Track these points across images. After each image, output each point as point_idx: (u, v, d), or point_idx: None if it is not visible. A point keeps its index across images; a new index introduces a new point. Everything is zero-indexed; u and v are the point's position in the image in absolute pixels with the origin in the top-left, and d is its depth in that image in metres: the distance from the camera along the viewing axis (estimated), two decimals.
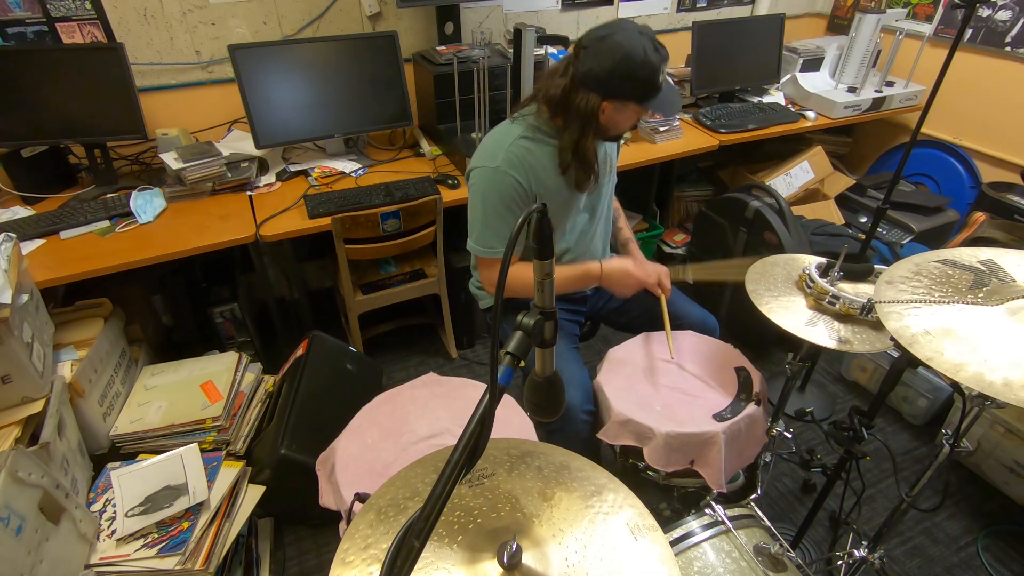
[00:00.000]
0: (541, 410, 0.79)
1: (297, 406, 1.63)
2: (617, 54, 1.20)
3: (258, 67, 1.93)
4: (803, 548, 1.69)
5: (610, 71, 1.21)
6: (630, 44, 1.19)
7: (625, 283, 1.46)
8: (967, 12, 1.48)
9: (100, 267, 1.61)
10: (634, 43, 1.19)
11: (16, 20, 1.82)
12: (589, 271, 1.45)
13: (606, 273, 1.44)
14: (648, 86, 1.24)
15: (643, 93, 1.25)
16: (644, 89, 1.25)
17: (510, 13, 2.49)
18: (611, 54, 1.20)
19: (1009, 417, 1.79)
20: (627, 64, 1.20)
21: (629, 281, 1.45)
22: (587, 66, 1.23)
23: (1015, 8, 2.42)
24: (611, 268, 1.44)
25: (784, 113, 2.54)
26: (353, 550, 0.76)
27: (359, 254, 1.94)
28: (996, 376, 0.78)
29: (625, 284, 1.46)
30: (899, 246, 2.50)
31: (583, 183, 1.38)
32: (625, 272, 1.45)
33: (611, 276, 1.45)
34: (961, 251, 1.04)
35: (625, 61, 1.20)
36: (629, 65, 1.20)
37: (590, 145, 1.31)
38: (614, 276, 1.45)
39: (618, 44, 1.19)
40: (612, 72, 1.21)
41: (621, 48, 1.19)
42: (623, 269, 1.45)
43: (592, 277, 1.45)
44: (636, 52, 1.19)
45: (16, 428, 1.31)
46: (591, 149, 1.32)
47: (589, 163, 1.34)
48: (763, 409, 1.30)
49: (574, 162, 1.33)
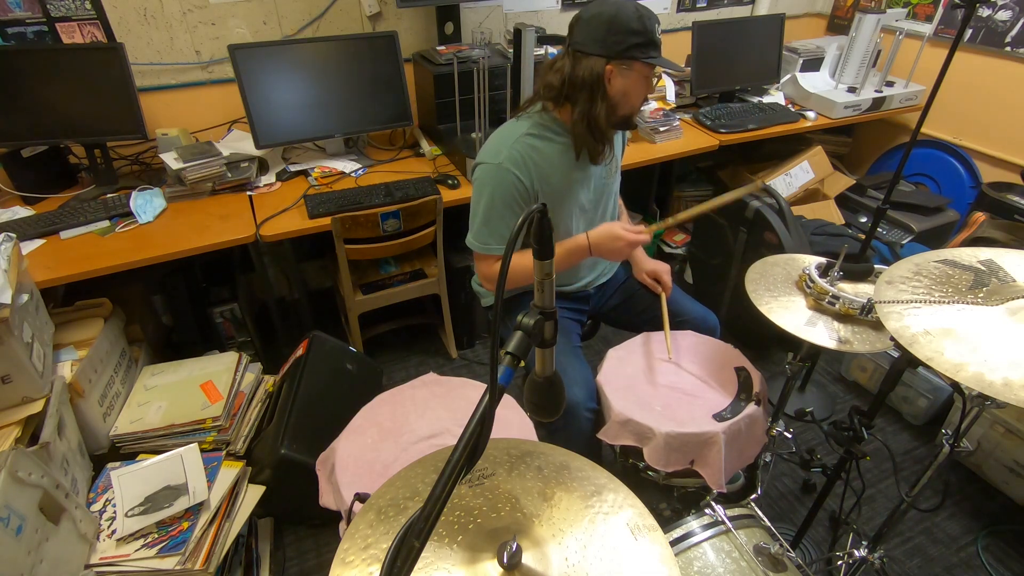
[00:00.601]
0: (541, 410, 0.79)
1: (297, 406, 1.63)
2: (608, 13, 1.24)
3: (258, 67, 1.93)
4: (803, 548, 1.69)
5: (607, 27, 1.24)
6: (618, 3, 1.25)
7: (615, 246, 1.40)
8: (967, 12, 1.48)
9: (100, 267, 1.62)
10: (622, 2, 1.25)
11: (16, 20, 1.82)
12: (578, 243, 1.41)
13: (594, 241, 1.40)
14: (646, 37, 1.25)
15: (643, 45, 1.26)
16: (643, 40, 1.26)
17: (510, 13, 2.49)
18: (603, 15, 1.25)
19: (1009, 417, 1.79)
20: (621, 18, 1.24)
21: (619, 244, 1.40)
22: (583, 34, 1.27)
23: (1015, 8, 2.42)
24: (598, 234, 1.40)
25: (784, 113, 2.54)
26: (353, 550, 0.76)
27: (359, 254, 1.94)
28: (996, 376, 0.78)
29: (615, 247, 1.41)
30: (899, 246, 2.50)
31: (597, 154, 1.37)
32: (613, 235, 1.39)
33: (600, 242, 1.40)
34: (961, 251, 1.04)
35: (618, 16, 1.24)
36: (623, 18, 1.24)
37: (601, 114, 1.31)
38: (603, 242, 1.40)
39: (607, 4, 1.25)
40: (608, 28, 1.24)
41: (611, 6, 1.25)
42: (610, 233, 1.39)
43: (581, 248, 1.41)
44: (626, 7, 1.24)
45: (16, 428, 1.31)
46: (603, 119, 1.31)
47: (601, 132, 1.33)
48: (763, 409, 1.30)
49: (587, 135, 1.33)
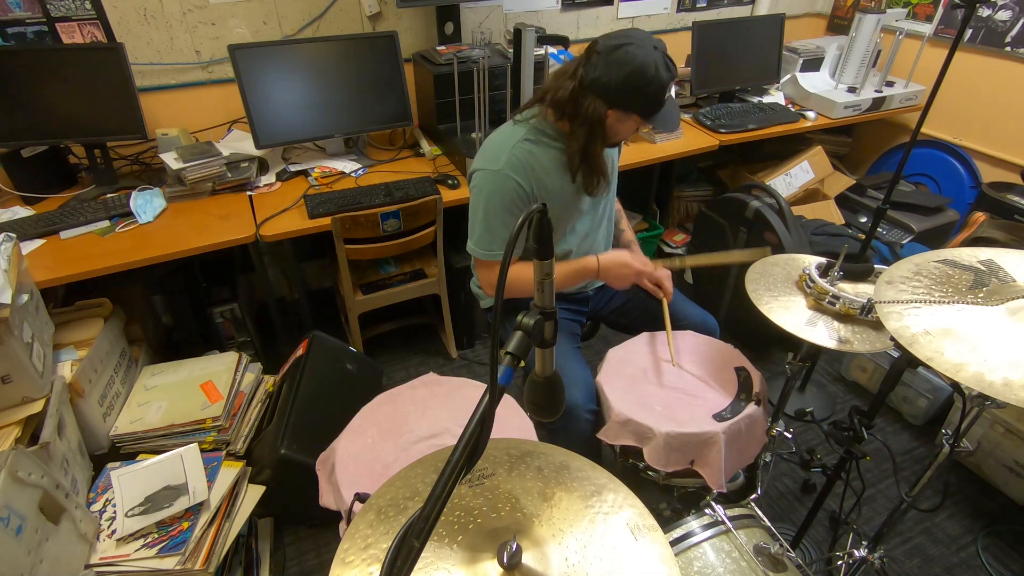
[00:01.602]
0: (541, 410, 0.79)
1: (297, 406, 1.63)
2: (629, 66, 1.20)
3: (258, 67, 1.93)
4: (803, 548, 1.69)
5: (620, 82, 1.21)
6: (643, 58, 1.19)
7: (623, 275, 1.44)
8: (967, 12, 1.48)
9: (100, 267, 1.61)
10: (647, 58, 1.19)
11: (16, 20, 1.82)
12: (587, 265, 1.43)
13: (603, 266, 1.42)
14: (654, 102, 1.26)
15: (648, 108, 1.27)
16: (650, 104, 1.26)
17: (510, 13, 2.49)
18: (623, 65, 1.20)
19: (1009, 417, 1.79)
20: (637, 78, 1.20)
21: (627, 272, 1.43)
22: (598, 72, 1.22)
23: (1015, 8, 2.42)
24: (608, 260, 1.43)
25: (784, 113, 2.54)
26: (353, 550, 0.76)
27: (359, 254, 1.94)
28: (996, 376, 0.78)
29: (623, 276, 1.44)
30: (899, 246, 2.50)
31: (593, 188, 1.39)
32: (623, 263, 1.43)
33: (609, 269, 1.43)
34: (961, 251, 1.04)
35: (636, 74, 1.20)
36: (639, 79, 1.20)
37: (598, 151, 1.32)
38: (612, 268, 1.43)
39: (632, 56, 1.19)
40: (622, 84, 1.21)
41: (635, 61, 1.19)
42: (620, 261, 1.43)
43: (590, 271, 1.43)
44: (648, 67, 1.20)
45: (16, 428, 1.31)
46: (599, 154, 1.33)
47: (599, 168, 1.35)
48: (763, 409, 1.30)
49: (583, 167, 1.34)
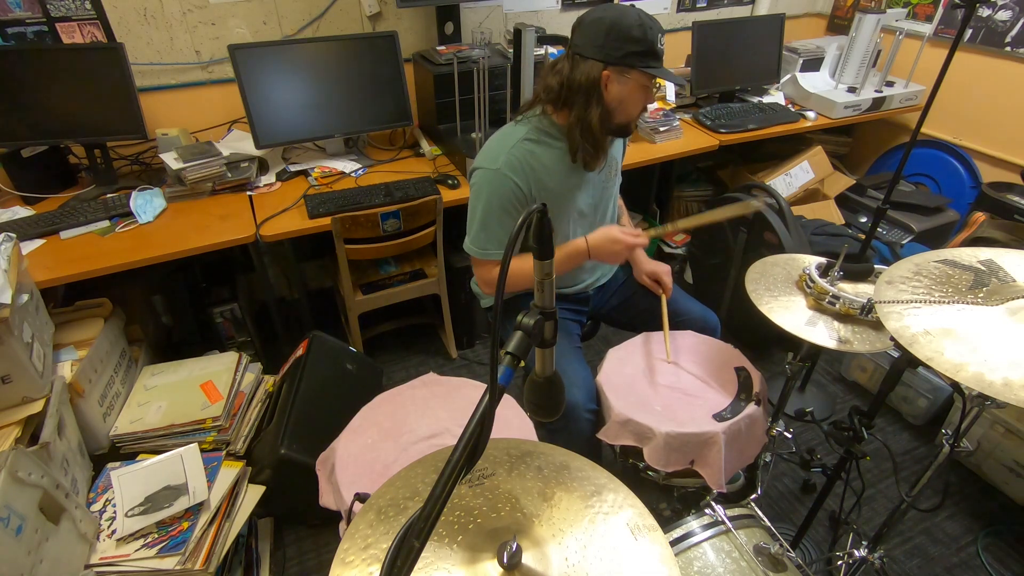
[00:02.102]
0: (541, 410, 0.79)
1: (297, 406, 1.63)
2: (609, 18, 1.23)
3: (258, 67, 1.93)
4: (803, 548, 1.69)
5: (606, 33, 1.23)
6: (621, 10, 1.24)
7: (614, 249, 1.40)
8: (967, 12, 1.48)
9: (100, 267, 1.61)
10: (626, 9, 1.24)
11: (16, 20, 1.82)
12: (576, 247, 1.41)
13: (592, 245, 1.40)
14: (645, 46, 1.24)
15: (641, 53, 1.24)
16: (642, 49, 1.24)
17: (510, 13, 2.49)
18: (604, 20, 1.24)
19: (1009, 417, 1.79)
20: (621, 24, 1.23)
21: (617, 247, 1.40)
22: (582, 38, 1.26)
23: (1015, 8, 2.42)
24: (596, 238, 1.40)
25: (784, 113, 2.54)
26: (353, 550, 0.76)
27: (359, 254, 1.94)
28: (996, 376, 0.78)
29: (614, 251, 1.41)
30: (899, 246, 2.50)
31: (591, 161, 1.36)
32: (612, 239, 1.39)
33: (598, 246, 1.40)
34: (961, 251, 1.04)
35: (619, 22, 1.23)
36: (623, 25, 1.22)
37: (595, 119, 1.30)
38: (602, 245, 1.40)
39: (610, 9, 1.24)
40: (608, 33, 1.23)
41: (613, 12, 1.23)
42: (609, 236, 1.40)
43: (580, 252, 1.41)
44: (629, 15, 1.23)
45: (16, 428, 1.31)
46: (596, 123, 1.30)
47: (595, 138, 1.32)
48: (763, 409, 1.30)
49: (581, 139, 1.32)
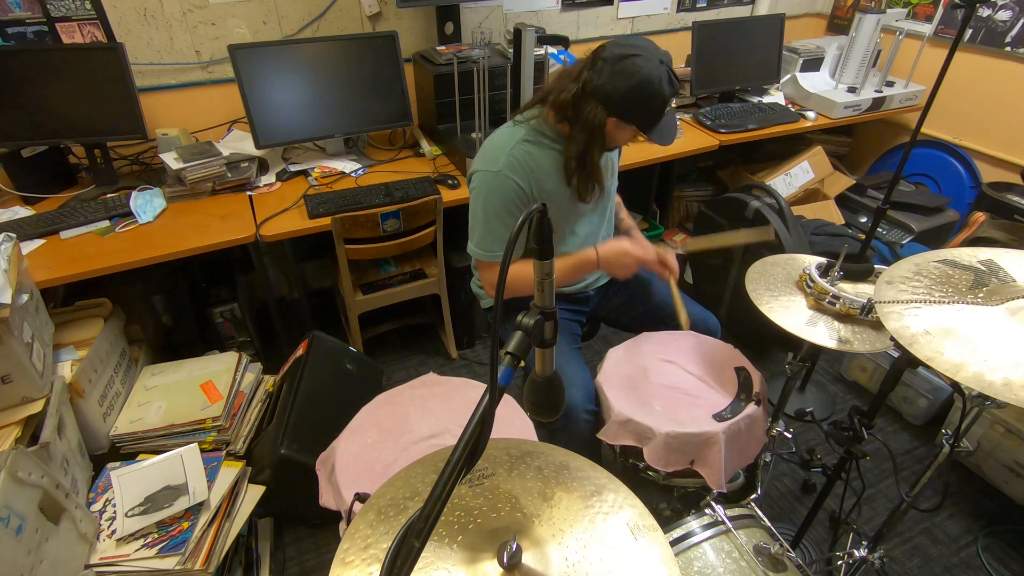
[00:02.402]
0: (541, 410, 0.79)
1: (297, 406, 1.63)
2: (634, 79, 1.20)
3: (258, 67, 1.93)
4: (803, 548, 1.69)
5: (623, 93, 1.21)
6: (648, 72, 1.19)
7: (623, 263, 1.40)
8: (967, 12, 1.48)
9: (100, 267, 1.61)
10: (652, 72, 1.20)
11: (16, 20, 1.82)
12: (586, 257, 1.40)
13: (603, 257, 1.40)
14: (654, 115, 1.27)
15: (647, 121, 1.28)
16: (649, 118, 1.27)
17: (510, 13, 2.49)
18: (628, 77, 1.20)
19: (1009, 417, 1.79)
20: (641, 91, 1.21)
21: (627, 260, 1.40)
22: (602, 80, 1.22)
23: (1015, 8, 2.42)
24: (607, 251, 1.40)
25: (784, 113, 2.54)
26: (353, 550, 0.76)
27: (359, 254, 1.94)
28: (996, 376, 0.78)
29: (624, 264, 1.41)
30: (899, 246, 2.50)
31: (586, 194, 1.38)
32: (622, 252, 1.40)
33: (608, 258, 1.40)
34: (961, 251, 1.04)
35: (640, 88, 1.20)
36: (643, 93, 1.21)
37: (595, 157, 1.32)
38: (612, 258, 1.40)
39: (637, 69, 1.19)
40: (625, 95, 1.21)
41: (640, 73, 1.19)
42: (619, 249, 1.40)
43: (590, 263, 1.41)
44: (652, 82, 1.20)
45: (16, 428, 1.31)
46: (596, 162, 1.33)
47: (594, 176, 1.35)
48: (763, 409, 1.30)
49: (579, 172, 1.34)
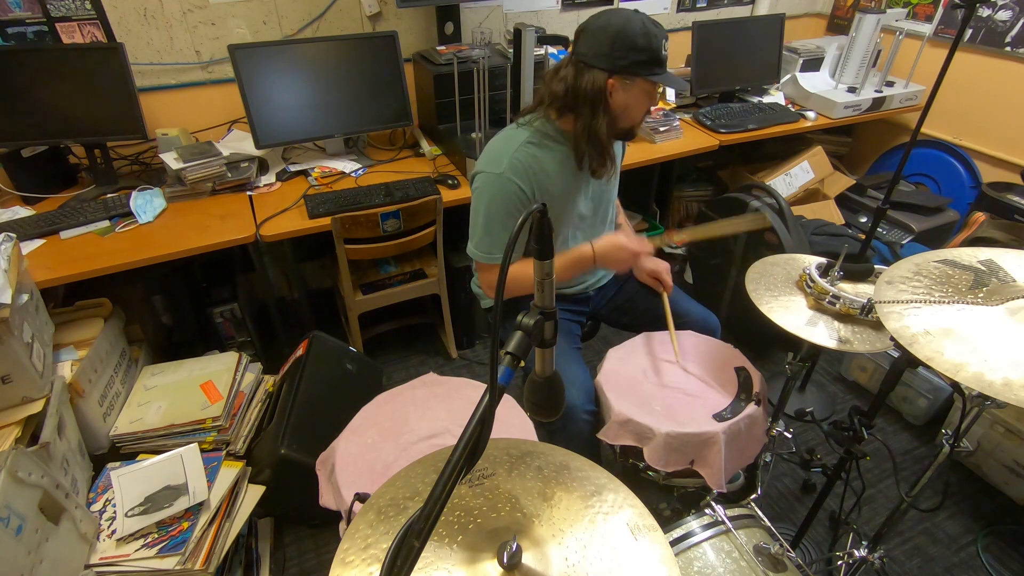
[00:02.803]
0: (541, 410, 0.79)
1: (297, 406, 1.63)
2: (614, 26, 1.22)
3: (258, 67, 1.93)
4: (803, 548, 1.69)
5: (611, 42, 1.23)
6: (626, 16, 1.23)
7: (620, 257, 1.40)
8: (967, 12, 1.48)
9: (100, 267, 1.61)
10: (630, 16, 1.23)
11: (16, 20, 1.82)
12: (583, 253, 1.40)
13: (599, 252, 1.39)
14: (650, 55, 1.24)
15: (646, 62, 1.24)
16: (647, 57, 1.24)
17: (510, 13, 2.49)
18: (608, 27, 1.23)
19: (1009, 417, 1.79)
20: (626, 33, 1.22)
21: (624, 255, 1.39)
22: (587, 46, 1.25)
23: (1015, 8, 2.42)
24: (603, 245, 1.39)
25: (784, 113, 2.54)
26: (353, 550, 0.76)
27: (359, 254, 1.94)
28: (996, 376, 0.78)
29: (620, 258, 1.40)
30: (899, 246, 2.50)
31: (599, 169, 1.36)
32: (619, 246, 1.39)
33: (605, 253, 1.39)
34: (961, 251, 1.04)
35: (623, 31, 1.22)
36: (628, 33, 1.22)
37: (602, 128, 1.30)
38: (608, 252, 1.39)
39: (614, 16, 1.23)
40: (613, 42, 1.22)
41: (618, 19, 1.23)
42: (616, 244, 1.39)
43: (586, 259, 1.40)
44: (633, 22, 1.22)
45: (16, 428, 1.30)
46: (603, 132, 1.31)
47: (603, 147, 1.33)
48: (763, 409, 1.30)
49: (588, 148, 1.32)
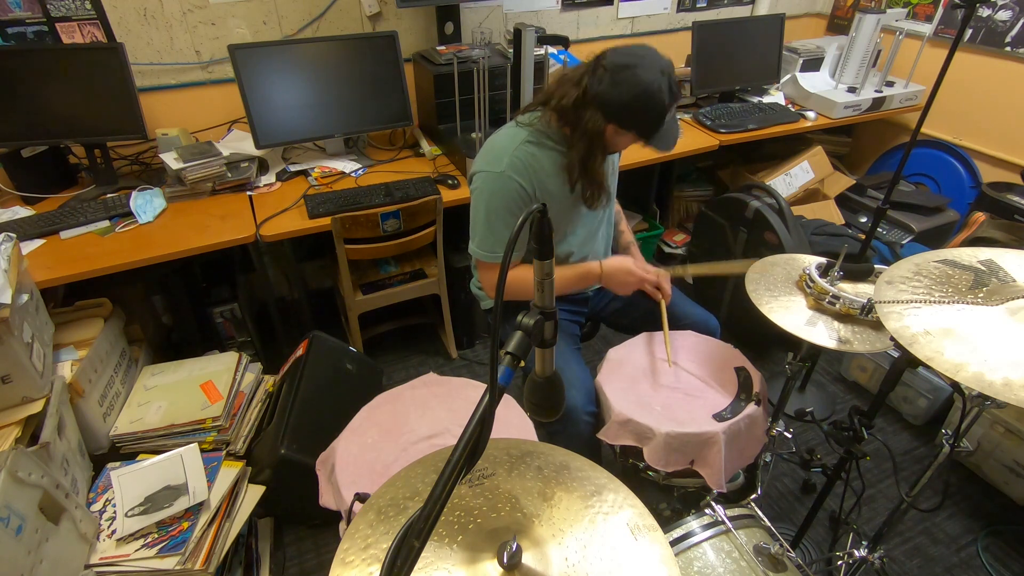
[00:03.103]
0: (541, 410, 0.79)
1: (297, 406, 1.63)
2: (635, 89, 1.20)
3: (258, 67, 1.93)
4: (803, 548, 1.69)
5: (624, 103, 1.22)
6: (649, 82, 1.20)
7: (626, 281, 1.46)
8: (967, 12, 1.48)
9: (100, 267, 1.61)
10: (653, 83, 1.20)
11: (16, 20, 1.82)
12: (590, 270, 1.45)
13: (606, 272, 1.44)
14: (653, 125, 1.27)
15: (646, 130, 1.28)
16: (649, 127, 1.27)
17: (510, 13, 2.49)
18: (629, 87, 1.20)
19: (1009, 417, 1.79)
20: (641, 102, 1.21)
21: (630, 280, 1.46)
22: (603, 88, 1.22)
23: (1015, 8, 2.42)
24: (611, 267, 1.44)
25: (784, 113, 2.54)
26: (353, 550, 0.76)
27: (359, 254, 1.94)
28: (996, 376, 0.78)
29: (626, 283, 1.46)
30: (899, 246, 2.50)
31: (593, 201, 1.39)
32: (626, 271, 1.45)
33: (612, 275, 1.45)
34: (961, 251, 1.04)
35: (640, 98, 1.21)
36: (643, 104, 1.21)
37: (597, 164, 1.33)
38: (615, 275, 1.45)
39: (638, 79, 1.20)
40: (625, 105, 1.22)
41: (640, 84, 1.20)
42: (624, 267, 1.45)
43: (593, 276, 1.45)
44: (652, 93, 1.20)
45: (16, 428, 1.31)
46: (599, 167, 1.34)
47: (599, 182, 1.36)
48: (763, 409, 1.30)
49: (582, 180, 1.35)
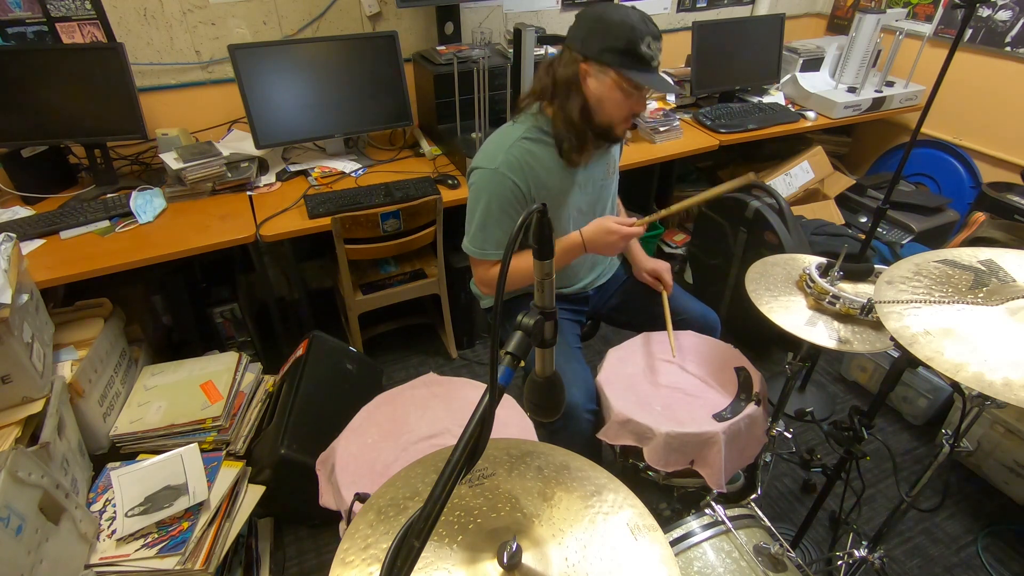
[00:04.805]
0: (541, 410, 0.79)
1: (297, 406, 1.63)
2: (598, 12, 1.23)
3: (258, 67, 1.93)
4: (803, 548, 1.69)
5: (588, 27, 1.24)
6: (615, 7, 1.22)
7: (609, 241, 1.38)
8: (967, 12, 1.48)
9: (100, 267, 1.61)
10: (618, 8, 1.22)
11: (16, 20, 1.82)
12: (571, 240, 1.39)
13: (587, 238, 1.38)
14: (623, 45, 1.20)
15: (619, 52, 1.21)
16: (619, 48, 1.20)
17: (510, 13, 2.49)
18: (592, 13, 1.24)
19: (1009, 417, 1.79)
20: (606, 19, 1.22)
21: (612, 238, 1.37)
22: (573, 29, 1.26)
23: (1015, 8, 2.42)
24: (591, 230, 1.38)
25: (784, 113, 2.54)
26: (353, 550, 0.76)
27: (359, 254, 1.94)
28: (996, 376, 0.78)
29: (610, 242, 1.38)
30: (899, 246, 2.50)
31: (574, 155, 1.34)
32: (607, 230, 1.37)
33: (594, 238, 1.38)
34: (961, 251, 1.04)
35: (604, 17, 1.22)
36: (608, 20, 1.21)
37: (575, 112, 1.28)
38: (596, 237, 1.38)
39: (601, 7, 1.24)
40: (591, 27, 1.23)
41: (606, 7, 1.23)
42: (604, 228, 1.37)
43: (576, 245, 1.39)
44: (618, 11, 1.21)
45: (16, 428, 1.31)
46: (577, 117, 1.29)
47: (577, 132, 1.31)
48: (763, 409, 1.31)
49: (565, 133, 1.32)
